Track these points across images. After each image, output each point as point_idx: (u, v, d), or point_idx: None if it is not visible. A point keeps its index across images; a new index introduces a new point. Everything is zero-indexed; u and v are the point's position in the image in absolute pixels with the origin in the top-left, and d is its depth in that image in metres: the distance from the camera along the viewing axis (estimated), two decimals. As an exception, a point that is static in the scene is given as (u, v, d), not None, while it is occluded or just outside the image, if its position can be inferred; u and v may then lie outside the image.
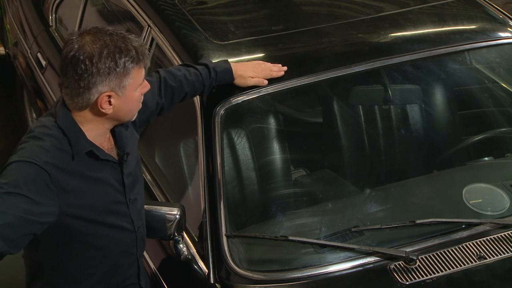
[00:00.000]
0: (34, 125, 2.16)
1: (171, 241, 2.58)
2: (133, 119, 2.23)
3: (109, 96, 2.08)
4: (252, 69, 2.70)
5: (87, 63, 2.02)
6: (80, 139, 2.11)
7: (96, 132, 2.15)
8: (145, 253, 2.69)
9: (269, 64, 2.74)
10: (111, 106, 2.09)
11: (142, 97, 2.19)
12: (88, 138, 2.13)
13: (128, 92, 2.10)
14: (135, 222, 2.30)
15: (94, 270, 2.28)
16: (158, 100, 2.50)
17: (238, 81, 2.68)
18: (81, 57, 2.03)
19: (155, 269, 2.67)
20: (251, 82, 2.69)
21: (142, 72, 2.14)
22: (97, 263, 2.27)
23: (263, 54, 2.85)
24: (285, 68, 2.74)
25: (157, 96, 2.50)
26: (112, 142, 2.24)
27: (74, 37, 2.07)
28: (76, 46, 2.04)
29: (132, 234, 2.31)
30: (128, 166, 2.26)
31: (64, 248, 2.20)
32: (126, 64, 2.06)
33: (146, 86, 2.19)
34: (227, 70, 2.65)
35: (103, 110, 2.09)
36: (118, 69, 2.05)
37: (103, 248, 2.25)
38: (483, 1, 3.31)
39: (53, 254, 2.21)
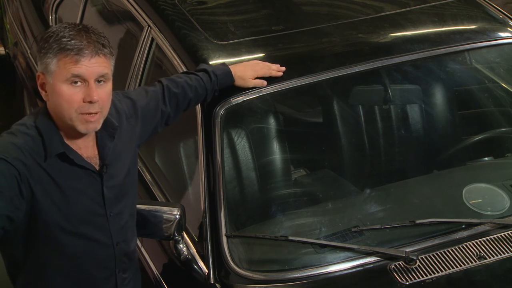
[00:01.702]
0: (16, 123, 2.16)
1: (171, 241, 2.57)
2: (81, 131, 2.08)
3: (43, 78, 2.08)
4: (251, 69, 2.69)
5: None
6: (54, 140, 2.08)
7: (72, 136, 2.11)
8: (145, 253, 2.69)
9: (267, 63, 2.74)
10: (46, 93, 2.10)
11: (80, 103, 2.05)
12: (66, 141, 2.10)
13: (53, 79, 2.05)
14: (113, 237, 2.24)
15: (64, 278, 2.22)
16: (163, 108, 2.47)
17: (238, 83, 2.68)
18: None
19: (155, 269, 2.67)
20: (251, 83, 2.68)
21: (70, 68, 2.03)
22: (68, 271, 2.22)
23: (263, 54, 2.85)
24: (283, 68, 2.74)
25: (162, 104, 2.47)
26: (96, 152, 2.19)
27: None
28: None
29: (109, 248, 2.25)
30: (111, 179, 2.20)
31: (35, 251, 2.16)
32: (53, 46, 2.04)
33: (89, 95, 2.04)
34: (227, 73, 2.65)
35: (42, 95, 2.10)
36: (45, 49, 2.05)
37: (74, 257, 2.19)
38: (483, 1, 3.31)
39: (25, 256, 2.17)
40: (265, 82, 2.70)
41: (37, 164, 2.06)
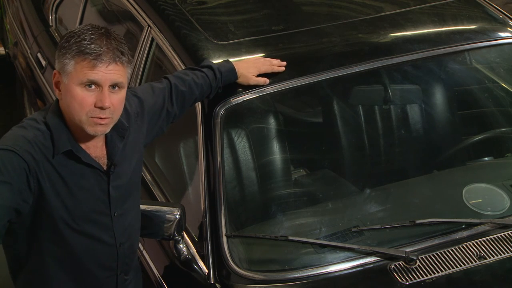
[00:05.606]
0: (27, 118, 2.16)
1: (171, 241, 2.58)
2: (90, 133, 2.08)
3: (59, 77, 2.07)
4: (253, 65, 2.70)
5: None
6: (62, 137, 2.09)
7: (81, 135, 2.11)
8: (145, 253, 2.70)
9: (268, 59, 2.74)
10: (60, 92, 2.09)
11: (92, 107, 2.04)
12: (75, 139, 2.11)
13: (69, 80, 2.04)
14: (117, 237, 2.24)
15: (66, 276, 2.23)
16: (169, 108, 2.47)
17: (241, 80, 2.69)
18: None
19: (156, 269, 2.67)
20: (253, 81, 2.69)
21: (87, 72, 2.03)
22: (70, 269, 2.22)
23: (263, 54, 2.85)
24: (285, 63, 2.74)
25: (168, 104, 2.47)
26: (104, 152, 2.19)
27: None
28: None
29: (111, 248, 2.25)
30: (117, 178, 2.21)
31: (38, 247, 2.17)
32: (73, 47, 2.03)
33: (101, 101, 2.04)
34: (231, 70, 2.66)
35: (56, 93, 2.09)
36: (64, 49, 2.05)
37: (77, 255, 2.20)
38: (483, 1, 3.31)
39: (28, 251, 2.18)
40: (267, 80, 2.70)
41: (46, 159, 2.07)
